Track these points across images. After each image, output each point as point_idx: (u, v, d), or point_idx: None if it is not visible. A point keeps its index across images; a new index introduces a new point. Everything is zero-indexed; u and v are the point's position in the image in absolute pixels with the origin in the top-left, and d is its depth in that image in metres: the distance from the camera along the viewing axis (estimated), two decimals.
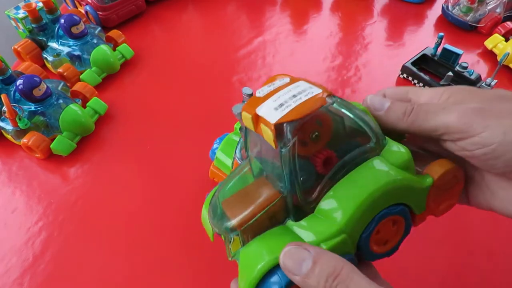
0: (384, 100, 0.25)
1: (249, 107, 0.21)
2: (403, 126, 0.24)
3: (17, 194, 0.48)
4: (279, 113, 0.20)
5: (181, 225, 0.43)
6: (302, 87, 0.21)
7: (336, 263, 0.19)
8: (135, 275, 0.40)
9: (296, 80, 0.22)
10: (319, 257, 0.19)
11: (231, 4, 0.76)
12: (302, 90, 0.21)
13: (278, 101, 0.21)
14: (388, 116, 0.24)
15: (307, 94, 0.21)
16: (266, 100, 0.21)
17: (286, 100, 0.20)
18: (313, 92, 0.21)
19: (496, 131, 0.21)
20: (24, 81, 0.48)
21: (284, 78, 0.22)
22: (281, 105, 0.20)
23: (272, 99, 0.21)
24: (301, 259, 0.19)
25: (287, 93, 0.21)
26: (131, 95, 0.59)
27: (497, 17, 0.63)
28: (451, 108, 0.23)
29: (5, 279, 0.40)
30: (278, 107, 0.20)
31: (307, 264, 0.19)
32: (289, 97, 0.21)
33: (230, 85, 0.60)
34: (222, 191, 0.24)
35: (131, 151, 0.52)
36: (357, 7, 0.74)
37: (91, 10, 0.68)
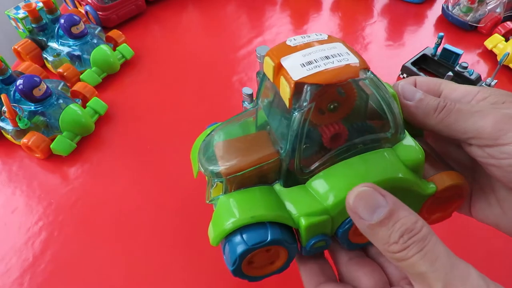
0: (416, 90, 0.23)
1: (275, 53, 0.19)
2: (431, 123, 0.22)
3: (17, 194, 0.48)
4: (305, 71, 0.18)
5: (181, 225, 0.43)
6: (338, 49, 0.19)
7: (416, 220, 0.17)
8: (135, 275, 0.40)
9: (334, 41, 0.20)
10: (398, 208, 0.17)
11: (231, 4, 0.76)
12: (337, 53, 0.19)
13: (308, 57, 0.19)
14: (418, 108, 0.22)
15: (341, 60, 0.19)
16: (296, 52, 0.19)
17: (317, 59, 0.18)
18: (348, 60, 0.19)
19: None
20: (24, 81, 0.48)
21: (322, 34, 0.20)
22: (309, 62, 0.18)
23: (302, 53, 0.19)
24: (375, 205, 0.18)
25: (320, 51, 0.19)
26: (131, 95, 0.59)
27: (497, 17, 0.63)
28: (486, 112, 0.21)
29: (5, 279, 0.40)
30: (305, 64, 0.18)
31: (381, 212, 0.17)
32: (321, 57, 0.19)
33: (230, 85, 0.60)
34: (219, 132, 0.23)
35: (131, 151, 0.52)
36: (357, 7, 0.74)
37: (91, 10, 0.68)
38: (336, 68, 0.18)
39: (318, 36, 0.19)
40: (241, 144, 0.22)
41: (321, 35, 0.19)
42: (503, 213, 0.23)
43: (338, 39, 0.19)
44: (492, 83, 0.52)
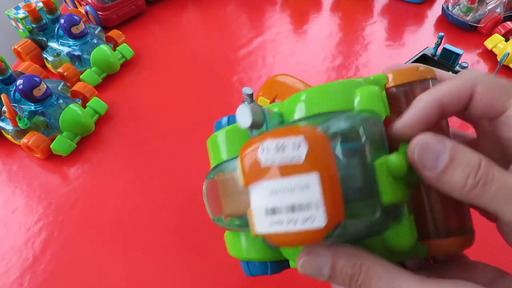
0: (441, 151, 0.17)
1: (245, 172, 0.17)
2: (462, 198, 0.17)
3: (17, 194, 0.48)
4: (267, 225, 0.16)
5: (181, 225, 0.43)
6: (310, 194, 0.15)
7: (352, 265, 0.17)
8: (135, 275, 0.40)
9: (310, 169, 0.15)
10: (335, 260, 0.17)
11: (231, 4, 0.76)
12: (306, 203, 0.15)
13: (274, 200, 0.16)
14: (443, 181, 0.17)
15: (306, 219, 0.15)
16: (265, 179, 0.16)
17: (282, 208, 0.16)
18: (314, 220, 0.15)
19: None
20: (24, 81, 0.48)
21: (301, 147, 0.15)
22: (274, 211, 0.16)
23: (271, 186, 0.16)
24: (320, 266, 0.18)
25: (288, 194, 0.15)
26: (131, 95, 0.59)
27: (497, 17, 0.63)
28: None
29: (5, 279, 0.40)
30: (270, 212, 0.16)
31: (328, 268, 0.17)
32: (287, 206, 0.15)
33: (230, 85, 0.60)
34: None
35: (131, 151, 0.52)
36: (357, 7, 0.74)
37: (91, 10, 0.68)
38: (298, 233, 0.15)
39: (295, 150, 0.15)
40: None
41: (299, 148, 0.15)
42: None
43: (317, 165, 0.15)
44: None
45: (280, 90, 0.49)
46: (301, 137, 0.15)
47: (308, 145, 0.15)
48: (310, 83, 0.49)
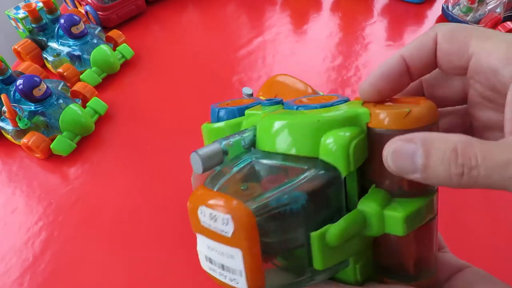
0: (414, 147, 0.16)
1: (192, 219, 0.18)
2: (459, 187, 0.16)
3: (17, 194, 0.48)
4: (207, 267, 0.19)
5: (181, 225, 0.43)
6: (235, 263, 0.17)
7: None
8: (135, 275, 0.40)
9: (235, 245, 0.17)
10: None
11: (231, 4, 0.76)
12: (231, 268, 0.17)
13: (211, 252, 0.18)
14: (432, 179, 0.16)
15: (232, 280, 0.18)
16: (203, 232, 0.18)
17: (216, 261, 0.18)
18: (238, 282, 0.17)
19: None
20: (24, 81, 0.48)
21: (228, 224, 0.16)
22: (211, 260, 0.18)
23: (206, 241, 0.18)
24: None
25: (219, 255, 0.18)
26: (131, 95, 0.59)
27: (497, 17, 0.63)
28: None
29: (5, 279, 0.40)
30: (207, 259, 0.19)
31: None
32: (219, 262, 0.18)
33: (230, 85, 0.60)
34: None
35: (131, 151, 0.52)
36: (357, 7, 0.74)
37: (91, 10, 0.68)
38: (229, 286, 0.18)
39: (224, 225, 0.17)
40: None
41: (227, 224, 0.16)
42: None
43: (239, 243, 0.17)
44: None
45: (280, 90, 0.49)
46: (228, 216, 0.16)
47: (234, 225, 0.16)
48: (310, 83, 0.49)
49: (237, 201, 0.16)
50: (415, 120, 0.17)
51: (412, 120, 0.17)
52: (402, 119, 0.17)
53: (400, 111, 0.17)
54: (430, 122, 0.18)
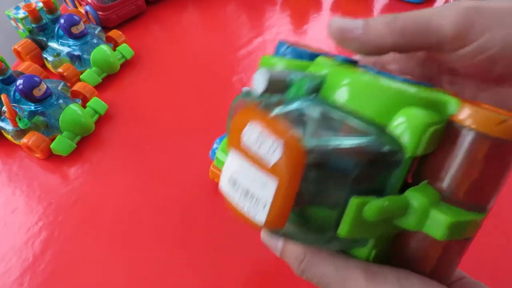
0: (357, 20, 0.20)
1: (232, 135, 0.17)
2: (389, 40, 0.19)
3: (17, 194, 0.48)
4: (227, 188, 0.17)
5: (181, 225, 0.43)
6: (264, 191, 0.16)
7: (299, 249, 0.19)
8: (135, 275, 0.40)
9: (273, 173, 0.15)
10: (286, 245, 0.20)
11: (231, 4, 0.76)
12: (258, 195, 0.16)
13: (238, 174, 0.17)
14: (368, 33, 0.19)
15: (252, 206, 0.16)
16: (239, 153, 0.17)
17: (240, 184, 0.17)
18: (257, 214, 0.16)
19: (496, 33, 0.18)
20: (24, 81, 0.48)
21: (276, 151, 0.15)
22: (234, 182, 0.17)
23: (240, 161, 0.17)
24: (275, 243, 0.20)
25: (249, 179, 0.16)
26: (131, 95, 0.59)
27: None
28: (446, 10, 0.19)
29: (5, 279, 0.40)
30: (231, 182, 0.17)
31: (279, 247, 0.20)
32: (244, 186, 0.17)
33: (230, 85, 0.60)
34: None
35: (131, 151, 0.52)
36: (357, 7, 0.74)
37: (91, 10, 0.68)
38: (241, 214, 0.17)
39: (270, 151, 0.15)
40: None
41: (273, 152, 0.15)
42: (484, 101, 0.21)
43: (280, 173, 0.15)
44: None
45: None
46: (279, 143, 0.15)
47: (282, 154, 0.15)
48: None
49: (294, 132, 0.15)
50: (509, 130, 0.16)
51: (506, 129, 0.16)
52: (494, 124, 0.16)
53: (495, 115, 0.16)
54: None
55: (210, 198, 0.45)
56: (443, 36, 0.19)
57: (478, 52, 0.18)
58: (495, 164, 0.17)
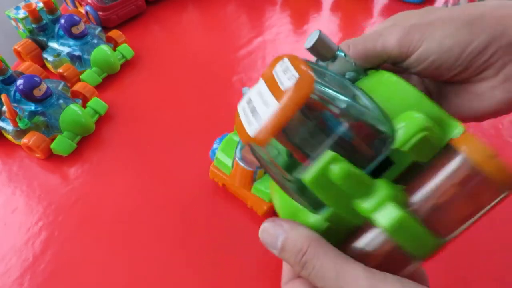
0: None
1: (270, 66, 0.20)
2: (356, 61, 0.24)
3: (17, 194, 0.48)
4: (242, 106, 0.20)
5: (182, 225, 0.43)
6: (263, 111, 0.18)
7: (302, 241, 0.19)
8: (135, 275, 0.40)
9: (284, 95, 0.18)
10: (289, 234, 0.20)
11: (231, 4, 0.76)
12: (257, 113, 0.19)
13: (254, 96, 0.20)
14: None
15: (248, 122, 0.19)
16: (266, 79, 0.20)
17: (251, 103, 0.20)
18: (251, 126, 0.18)
19: (431, 43, 0.22)
20: (25, 81, 0.48)
21: (295, 76, 0.18)
22: (249, 101, 0.20)
23: (263, 87, 0.20)
24: (275, 236, 0.20)
25: (259, 99, 0.19)
26: (131, 95, 0.59)
27: None
28: (388, 32, 0.23)
29: (5, 279, 0.40)
30: (249, 100, 0.20)
31: (281, 240, 0.20)
32: (252, 106, 0.19)
33: (230, 85, 0.60)
34: None
35: (131, 151, 0.52)
36: (357, 7, 0.74)
37: (91, 10, 0.68)
38: (240, 125, 0.19)
39: (286, 81, 0.18)
40: None
41: (289, 80, 0.18)
42: (449, 104, 0.25)
43: (284, 98, 0.18)
44: None
45: None
46: (296, 76, 0.18)
47: (293, 84, 0.17)
48: None
49: (312, 73, 0.18)
50: (496, 167, 0.17)
51: (493, 164, 0.17)
52: (485, 156, 0.17)
53: (489, 149, 0.17)
54: (502, 183, 0.17)
55: (210, 198, 0.45)
56: (390, 54, 0.23)
57: (420, 60, 0.23)
58: (467, 194, 0.17)
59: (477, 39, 0.21)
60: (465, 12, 0.22)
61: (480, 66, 0.22)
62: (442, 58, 0.22)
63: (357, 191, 0.18)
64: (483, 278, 0.38)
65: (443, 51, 0.22)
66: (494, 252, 0.40)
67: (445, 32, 0.22)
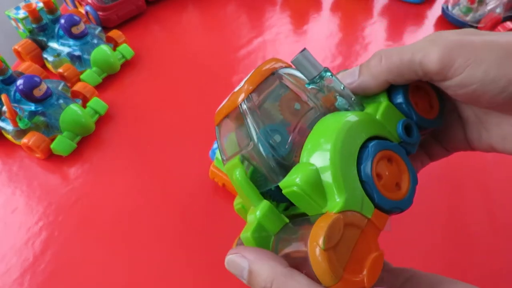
0: (353, 69, 0.24)
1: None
2: (381, 78, 0.22)
3: (17, 194, 0.48)
4: None
5: (182, 225, 0.43)
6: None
7: (266, 276, 0.19)
8: (135, 275, 0.40)
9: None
10: (252, 267, 0.19)
11: (231, 4, 0.76)
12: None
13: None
14: (363, 80, 0.23)
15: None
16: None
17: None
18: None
19: (476, 71, 0.20)
20: (25, 81, 0.48)
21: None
22: None
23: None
24: (240, 268, 0.20)
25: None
26: (131, 95, 0.59)
27: (497, 17, 0.63)
28: (428, 48, 0.21)
29: (5, 279, 0.40)
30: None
31: (245, 273, 0.20)
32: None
33: (230, 85, 0.60)
34: None
35: (131, 151, 0.52)
36: (357, 7, 0.74)
37: (91, 10, 0.68)
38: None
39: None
40: None
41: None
42: (489, 133, 0.24)
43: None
44: None
45: None
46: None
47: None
48: None
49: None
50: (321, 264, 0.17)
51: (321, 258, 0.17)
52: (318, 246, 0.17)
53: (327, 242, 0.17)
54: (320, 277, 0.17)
55: (210, 198, 0.45)
56: (428, 72, 0.21)
57: (460, 86, 0.21)
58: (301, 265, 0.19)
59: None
60: (509, 40, 0.21)
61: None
62: (485, 88, 0.20)
63: (249, 198, 0.22)
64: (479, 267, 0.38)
65: (488, 81, 0.20)
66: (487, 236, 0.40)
67: (491, 60, 0.20)
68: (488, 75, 0.20)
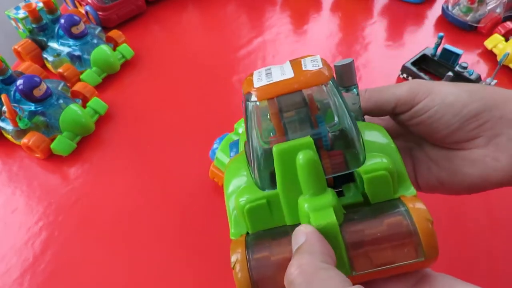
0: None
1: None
2: (363, 104, 0.27)
3: (17, 194, 0.48)
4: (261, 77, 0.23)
5: (181, 225, 0.43)
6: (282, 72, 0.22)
7: (290, 271, 0.18)
8: (135, 275, 0.40)
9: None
10: (310, 238, 0.19)
11: (231, 4, 0.76)
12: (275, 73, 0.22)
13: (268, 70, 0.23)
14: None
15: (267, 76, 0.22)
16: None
17: (272, 71, 0.23)
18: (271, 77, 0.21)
19: (436, 96, 0.25)
20: (24, 81, 0.48)
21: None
22: (268, 70, 0.23)
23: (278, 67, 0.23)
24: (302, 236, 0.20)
25: (279, 69, 0.23)
26: (131, 95, 0.59)
27: (497, 17, 0.63)
28: (401, 84, 0.27)
29: (5, 279, 0.40)
30: (267, 70, 0.23)
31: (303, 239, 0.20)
32: (266, 73, 0.23)
33: (230, 85, 0.60)
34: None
35: (131, 151, 0.52)
36: (357, 7, 0.74)
37: (91, 10, 0.68)
38: (247, 84, 0.22)
39: (311, 65, 0.22)
40: None
41: (314, 65, 0.22)
42: (440, 168, 0.27)
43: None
44: (492, 83, 0.52)
45: None
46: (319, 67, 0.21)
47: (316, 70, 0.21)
48: None
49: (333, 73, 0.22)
50: (427, 232, 0.19)
51: (427, 229, 0.19)
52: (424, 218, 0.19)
53: (429, 215, 0.19)
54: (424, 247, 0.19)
55: (210, 198, 0.45)
56: (399, 99, 0.26)
57: (424, 109, 0.26)
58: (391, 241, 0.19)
59: (474, 103, 0.25)
60: (468, 84, 0.26)
61: (474, 129, 0.25)
62: (443, 110, 0.25)
63: (308, 186, 0.19)
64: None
65: (446, 104, 0.25)
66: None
67: (449, 90, 0.26)
68: (446, 100, 0.25)
